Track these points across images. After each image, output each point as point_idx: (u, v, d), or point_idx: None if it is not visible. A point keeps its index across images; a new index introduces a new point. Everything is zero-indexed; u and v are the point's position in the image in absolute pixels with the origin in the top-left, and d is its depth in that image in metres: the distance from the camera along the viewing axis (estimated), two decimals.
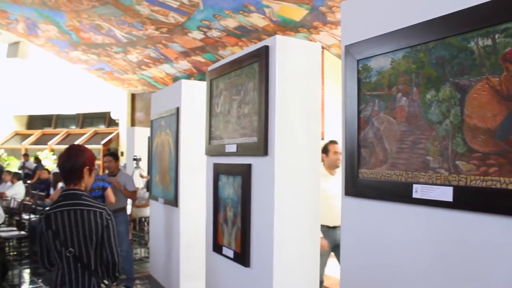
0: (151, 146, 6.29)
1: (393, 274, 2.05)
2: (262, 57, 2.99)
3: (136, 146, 10.17)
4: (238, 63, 3.33)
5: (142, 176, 9.31)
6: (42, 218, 2.46)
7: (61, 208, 2.43)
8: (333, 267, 5.30)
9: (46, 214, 2.45)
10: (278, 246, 2.94)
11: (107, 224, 2.46)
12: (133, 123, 16.21)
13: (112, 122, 17.82)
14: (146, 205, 8.12)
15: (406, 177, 1.95)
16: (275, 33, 8.65)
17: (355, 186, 2.25)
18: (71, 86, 17.40)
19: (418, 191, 1.88)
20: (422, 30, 1.85)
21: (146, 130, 10.29)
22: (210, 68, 3.90)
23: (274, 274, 2.93)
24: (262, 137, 2.96)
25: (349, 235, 2.36)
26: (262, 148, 2.95)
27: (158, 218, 5.87)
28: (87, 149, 2.65)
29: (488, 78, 1.62)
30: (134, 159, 9.27)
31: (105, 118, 18.29)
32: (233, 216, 3.39)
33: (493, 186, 1.60)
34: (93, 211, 2.44)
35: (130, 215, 6.90)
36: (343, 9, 2.43)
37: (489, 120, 1.62)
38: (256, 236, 3.13)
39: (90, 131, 18.16)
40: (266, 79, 2.95)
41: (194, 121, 5.00)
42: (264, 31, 9.07)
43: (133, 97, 16.61)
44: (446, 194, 1.76)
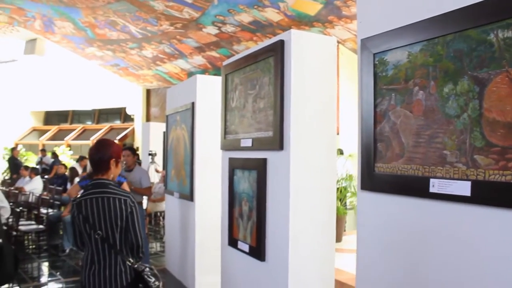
0: (167, 141, 6.33)
1: (409, 270, 2.05)
2: (277, 51, 2.99)
3: (151, 141, 10.26)
4: (254, 58, 3.33)
5: (157, 171, 9.38)
6: (74, 204, 2.75)
7: (90, 195, 2.71)
8: (347, 262, 5.29)
9: (78, 201, 2.73)
10: (294, 240, 2.95)
11: (131, 210, 2.71)
12: (148, 119, 16.31)
13: (127, 118, 17.96)
14: (161, 199, 8.19)
15: (423, 171, 1.94)
16: (290, 27, 8.62)
17: (371, 181, 2.25)
18: (87, 82, 17.57)
19: (435, 186, 1.87)
20: (440, 22, 1.83)
21: (161, 125, 10.37)
22: (225, 62, 3.90)
23: (289, 268, 2.94)
24: (277, 131, 2.96)
25: (365, 230, 2.35)
26: (278, 142, 2.95)
27: (174, 212, 5.91)
28: (114, 143, 2.97)
29: (508, 71, 1.60)
30: (150, 154, 9.34)
31: (120, 114, 18.44)
32: (248, 210, 3.40)
33: None
34: (118, 199, 2.69)
35: (146, 210, 6.96)
36: (359, 2, 2.41)
37: (509, 113, 1.59)
38: (271, 230, 3.14)
39: (105, 127, 18.33)
40: (282, 74, 2.95)
41: (210, 116, 5.02)
42: (278, 26, 9.05)
43: (148, 92, 16.72)
44: (463, 188, 1.75)
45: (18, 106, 19.18)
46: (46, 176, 12.30)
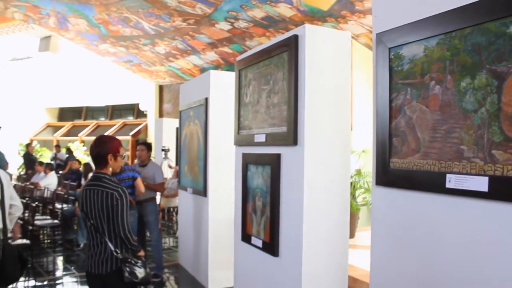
0: (180, 137, 6.35)
1: (424, 266, 2.03)
2: (291, 46, 2.98)
3: (164, 137, 10.29)
4: (267, 53, 3.32)
5: (170, 166, 9.42)
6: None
7: (88, 187, 2.94)
8: (360, 258, 5.27)
9: (80, 192, 3.02)
10: (307, 236, 2.94)
11: (117, 203, 2.85)
12: (161, 115, 16.37)
13: (140, 114, 18.04)
14: (174, 195, 8.22)
15: (439, 166, 1.92)
16: (303, 23, 8.57)
17: (386, 176, 2.23)
18: (100, 79, 17.67)
19: (452, 181, 1.85)
20: (458, 16, 1.81)
21: (174, 121, 10.40)
22: (238, 58, 3.90)
23: (303, 264, 2.94)
24: (291, 126, 2.96)
25: (379, 225, 2.34)
26: (292, 137, 2.95)
27: (187, 207, 5.94)
28: (112, 139, 3.10)
29: None
30: (163, 150, 9.38)
31: (133, 110, 18.52)
32: (262, 205, 3.40)
33: None
34: (106, 192, 2.86)
35: (159, 205, 6.99)
36: None
37: None
38: (285, 225, 3.14)
39: (119, 123, 18.43)
40: (296, 69, 2.94)
41: (223, 111, 5.03)
42: (291, 21, 9.00)
43: (160, 88, 16.77)
44: (481, 184, 1.73)
45: (32, 102, 19.37)
46: (60, 171, 12.42)
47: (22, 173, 14.69)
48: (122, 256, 2.90)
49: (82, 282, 5.41)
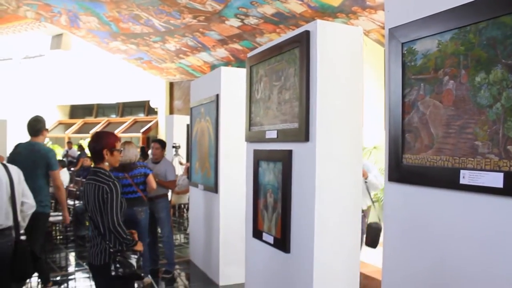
0: (191, 133, 6.37)
1: (437, 263, 2.01)
2: (303, 42, 2.97)
3: (175, 133, 10.33)
4: (279, 49, 3.32)
5: (181, 163, 9.45)
6: None
7: (86, 181, 3.06)
8: (371, 254, 5.25)
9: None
10: (319, 232, 2.94)
11: (107, 196, 2.91)
12: (171, 111, 16.43)
13: (151, 111, 18.13)
14: (185, 191, 8.25)
15: (453, 162, 1.91)
16: (313, 19, 8.54)
17: (399, 172, 2.22)
18: (111, 76, 17.78)
19: (466, 177, 1.83)
20: (472, 10, 1.79)
21: (184, 118, 10.42)
22: (249, 54, 3.90)
23: (314, 260, 2.94)
24: (303, 123, 2.95)
25: (392, 222, 2.33)
26: (303, 134, 2.94)
27: (198, 204, 5.96)
28: (108, 134, 3.20)
29: None
30: (173, 147, 9.40)
31: (144, 107, 18.63)
32: (273, 202, 3.40)
33: None
34: (98, 185, 2.94)
35: (170, 202, 7.02)
36: None
37: None
38: (296, 222, 3.14)
39: (129, 120, 18.55)
40: (307, 64, 2.93)
41: (234, 107, 5.03)
42: (302, 17, 8.97)
43: (171, 85, 16.83)
44: (496, 180, 1.71)
45: (44, 100, 19.54)
46: (72, 168, 12.52)
47: None
48: (114, 249, 2.96)
49: None
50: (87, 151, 14.94)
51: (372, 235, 4.44)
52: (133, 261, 2.98)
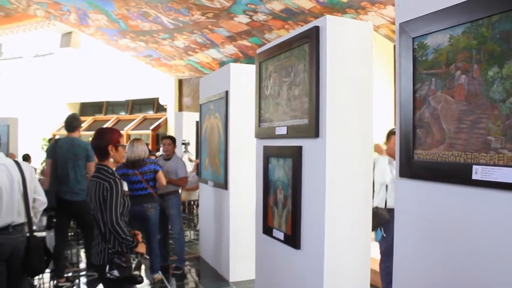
0: (200, 130, 6.38)
1: (449, 259, 2.00)
2: (312, 38, 2.95)
3: (184, 130, 10.36)
4: (288, 45, 3.31)
5: (191, 160, 9.48)
6: None
7: (90, 178, 3.04)
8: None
9: None
10: (330, 228, 2.93)
11: (107, 193, 2.88)
12: (180, 108, 16.46)
13: (160, 108, 18.17)
14: (195, 188, 8.27)
15: (465, 158, 1.89)
16: (322, 14, 8.50)
17: (410, 168, 2.20)
18: (121, 74, 17.84)
19: (478, 173, 1.81)
20: (485, 3, 1.77)
21: (194, 114, 10.45)
22: (259, 50, 3.89)
23: (325, 256, 2.93)
24: (313, 119, 2.94)
25: (403, 218, 2.31)
26: (313, 130, 2.93)
27: (208, 200, 5.97)
28: (112, 130, 3.19)
29: None
30: (183, 143, 9.43)
31: (153, 104, 18.67)
32: (283, 198, 3.40)
33: None
34: (99, 182, 2.91)
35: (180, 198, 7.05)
36: None
37: None
38: (306, 218, 3.13)
39: (139, 117, 18.60)
40: (317, 60, 2.92)
41: (243, 104, 5.03)
42: (310, 13, 8.93)
43: (180, 82, 16.85)
44: (509, 175, 1.69)
45: (55, 98, 19.68)
46: None
47: (45, 167, 14.95)
48: (112, 250, 2.90)
49: None
50: None
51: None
52: (131, 264, 2.91)
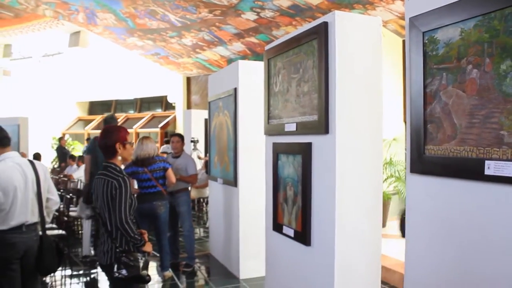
0: (209, 128, 6.38)
1: (461, 255, 1.98)
2: (321, 33, 2.94)
3: (193, 128, 10.37)
4: (296, 41, 3.29)
5: (200, 157, 9.50)
6: None
7: (97, 176, 3.02)
8: (392, 247, 5.21)
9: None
10: (340, 225, 2.92)
11: (115, 192, 2.85)
12: (188, 106, 16.49)
13: (168, 106, 18.22)
14: (204, 185, 8.29)
15: (477, 153, 1.87)
16: (330, 10, 8.45)
17: (421, 163, 2.19)
18: (129, 72, 17.91)
19: (491, 168, 1.80)
20: None
21: (202, 112, 10.46)
22: (267, 47, 3.88)
23: (335, 253, 2.92)
24: (322, 115, 2.93)
25: (414, 213, 2.30)
26: (323, 126, 2.92)
27: (217, 198, 5.98)
28: (118, 128, 3.19)
29: None
30: (192, 141, 9.45)
31: (162, 102, 18.72)
32: (293, 195, 3.39)
33: None
34: (107, 180, 2.89)
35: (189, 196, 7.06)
36: None
37: None
38: (317, 215, 3.12)
39: (147, 115, 18.67)
40: (326, 56, 2.90)
41: (252, 101, 5.02)
42: (318, 9, 8.90)
43: (188, 80, 16.88)
44: None
45: (64, 97, 19.82)
46: None
47: (55, 166, 15.07)
48: (119, 249, 2.89)
49: None
50: None
51: None
52: (139, 263, 2.89)
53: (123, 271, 2.83)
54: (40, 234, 3.29)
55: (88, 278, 5.39)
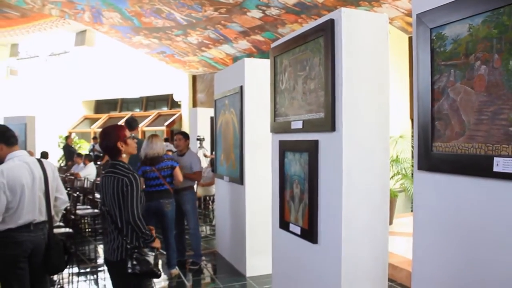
0: (215, 125, 6.38)
1: (469, 253, 1.97)
2: (327, 31, 2.93)
3: (198, 126, 10.38)
4: (303, 38, 3.28)
5: (206, 155, 9.52)
6: None
7: (104, 174, 3.04)
8: (399, 245, 5.20)
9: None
10: (347, 223, 2.91)
11: (127, 189, 2.88)
12: (194, 104, 16.52)
13: (174, 104, 18.26)
14: (210, 183, 8.30)
15: (486, 150, 1.86)
16: (335, 8, 8.43)
17: (429, 160, 2.18)
18: (135, 71, 17.96)
19: (500, 165, 1.78)
20: None
21: (208, 110, 10.47)
22: (273, 44, 3.87)
23: (342, 250, 2.92)
24: (329, 112, 2.92)
25: (422, 211, 2.29)
26: (330, 124, 2.91)
27: (224, 196, 5.98)
28: (115, 127, 3.16)
29: None
30: (198, 139, 9.46)
31: (167, 100, 18.76)
32: (300, 193, 3.39)
33: None
34: (117, 178, 2.90)
35: (195, 194, 7.08)
36: None
37: None
38: (323, 212, 3.12)
39: (153, 114, 18.72)
40: (332, 53, 2.89)
41: (258, 99, 5.02)
42: (324, 7, 8.88)
43: (194, 78, 16.91)
44: None
45: (70, 96, 19.92)
46: (98, 162, 12.73)
47: (62, 164, 15.15)
48: (131, 245, 2.91)
49: None
50: None
51: None
52: (150, 258, 2.93)
53: (137, 267, 2.87)
54: (47, 233, 3.30)
55: (95, 276, 5.41)
